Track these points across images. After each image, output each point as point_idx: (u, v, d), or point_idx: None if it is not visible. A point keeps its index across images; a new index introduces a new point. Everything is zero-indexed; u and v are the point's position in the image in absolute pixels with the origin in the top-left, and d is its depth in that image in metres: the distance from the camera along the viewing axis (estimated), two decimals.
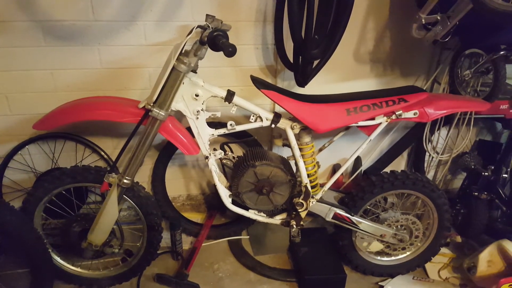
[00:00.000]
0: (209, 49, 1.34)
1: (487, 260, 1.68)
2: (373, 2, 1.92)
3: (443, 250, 1.98)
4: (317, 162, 1.80)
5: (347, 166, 1.62)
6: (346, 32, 1.93)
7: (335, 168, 2.36)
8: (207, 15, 1.65)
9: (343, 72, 2.08)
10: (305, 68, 1.70)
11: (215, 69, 1.95)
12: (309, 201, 1.61)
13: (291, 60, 1.82)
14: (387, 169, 2.30)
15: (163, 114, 1.39)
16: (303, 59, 1.67)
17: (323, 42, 1.70)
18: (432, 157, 2.20)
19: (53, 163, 1.95)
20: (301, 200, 1.60)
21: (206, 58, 1.47)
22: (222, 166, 1.70)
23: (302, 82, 1.80)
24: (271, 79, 2.04)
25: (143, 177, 2.11)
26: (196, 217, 2.18)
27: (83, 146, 1.94)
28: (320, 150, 1.80)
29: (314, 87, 2.03)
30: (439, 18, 1.44)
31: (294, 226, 1.62)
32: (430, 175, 2.37)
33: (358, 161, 2.24)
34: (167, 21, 1.79)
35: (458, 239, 2.03)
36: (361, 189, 1.70)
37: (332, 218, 1.67)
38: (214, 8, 1.81)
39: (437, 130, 2.14)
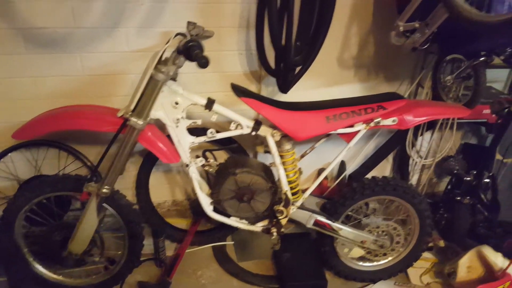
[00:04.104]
0: None
1: (467, 265, 1.69)
2: (356, 8, 1.92)
3: (426, 254, 1.99)
4: (299, 169, 1.80)
5: (327, 172, 1.64)
6: (330, 38, 1.94)
7: (320, 172, 2.36)
8: (188, 22, 1.65)
9: (327, 77, 2.08)
10: (287, 74, 1.70)
11: (199, 74, 1.95)
12: (290, 208, 1.62)
13: (273, 66, 1.82)
14: (372, 174, 2.35)
15: (141, 123, 1.39)
16: (284, 66, 1.68)
17: (305, 48, 1.71)
18: (416, 162, 2.21)
19: (36, 170, 1.94)
20: (281, 208, 1.60)
21: (190, 64, 1.46)
22: (206, 174, 1.70)
23: (284, 88, 1.80)
24: (255, 84, 2.04)
25: (128, 183, 2.10)
26: (182, 223, 2.18)
27: (67, 153, 1.93)
28: (302, 156, 1.80)
29: (298, 93, 2.03)
30: (417, 25, 1.45)
31: (275, 233, 1.62)
32: (415, 179, 2.39)
33: (342, 166, 2.25)
34: (150, 27, 1.79)
35: (441, 243, 2.05)
36: (342, 195, 1.71)
37: (313, 225, 1.68)
38: (197, 14, 1.80)
39: (421, 135, 2.16)
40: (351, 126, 1.54)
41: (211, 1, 1.79)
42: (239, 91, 1.51)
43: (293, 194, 1.68)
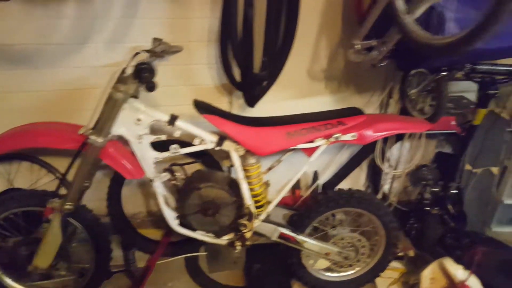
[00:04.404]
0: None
1: (430, 277, 1.71)
2: (325, 21, 1.95)
3: (395, 264, 2.02)
4: (267, 181, 1.83)
5: (288, 188, 1.65)
6: (299, 50, 1.97)
7: (296, 182, 2.38)
8: (153, 38, 1.68)
9: (298, 89, 2.10)
10: (251, 89, 1.73)
11: (170, 88, 1.97)
12: (253, 222, 1.64)
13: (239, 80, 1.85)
14: (348, 183, 2.39)
15: (101, 141, 1.41)
16: (247, 80, 1.70)
17: (271, 63, 1.74)
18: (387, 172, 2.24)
19: (9, 183, 1.96)
20: (244, 221, 1.63)
21: (159, 77, 1.47)
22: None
23: (251, 102, 1.83)
24: (227, 97, 2.06)
25: (101, 194, 2.12)
26: (156, 234, 2.19)
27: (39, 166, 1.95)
28: (269, 169, 1.83)
29: (269, 105, 2.05)
30: (374, 44, 1.48)
31: (238, 247, 1.64)
32: (388, 188, 2.42)
33: (315, 176, 2.27)
34: (119, 42, 1.81)
35: (411, 253, 2.08)
36: (307, 207, 1.73)
37: (278, 238, 1.70)
38: (167, 29, 1.83)
39: (387, 147, 2.18)
40: (312, 141, 1.57)
41: (179, 16, 1.82)
42: (202, 108, 1.53)
43: (259, 207, 1.71)
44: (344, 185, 2.43)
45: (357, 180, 2.47)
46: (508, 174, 2.25)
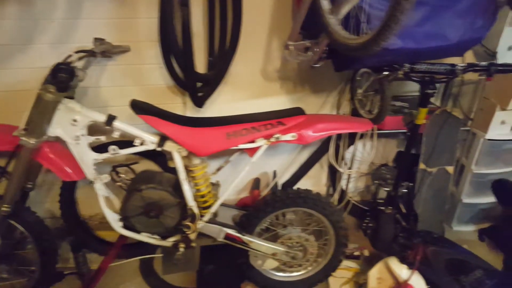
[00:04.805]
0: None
1: (377, 277, 1.71)
2: (275, 21, 1.94)
3: (349, 263, 2.02)
4: (217, 182, 1.82)
5: (231, 189, 1.64)
6: (252, 51, 1.97)
7: (256, 182, 2.38)
8: (94, 38, 1.67)
9: (253, 90, 2.10)
10: (195, 88, 1.72)
11: (119, 88, 1.96)
12: (197, 223, 1.63)
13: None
14: (308, 183, 2.39)
15: (33, 142, 1.40)
16: (190, 80, 1.69)
17: (216, 63, 1.73)
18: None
19: None
20: (187, 223, 1.62)
21: (109, 77, 1.45)
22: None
23: (198, 103, 1.82)
24: (180, 97, 2.05)
25: (55, 196, 2.11)
26: (114, 235, 2.17)
27: None
28: (218, 169, 1.82)
29: (223, 105, 2.06)
30: (308, 44, 1.47)
31: (182, 248, 1.63)
32: (351, 186, 2.42)
33: (274, 176, 2.27)
34: (64, 43, 1.79)
35: (366, 252, 2.08)
36: (255, 208, 1.73)
37: (224, 239, 1.69)
38: (112, 29, 1.81)
39: (342, 147, 2.18)
40: (253, 141, 1.56)
41: (126, 16, 1.80)
42: (139, 108, 1.52)
43: (206, 208, 1.70)
44: (306, 185, 2.44)
45: (319, 180, 2.47)
46: (466, 173, 2.26)
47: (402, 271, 1.63)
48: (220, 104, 2.07)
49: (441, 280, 1.69)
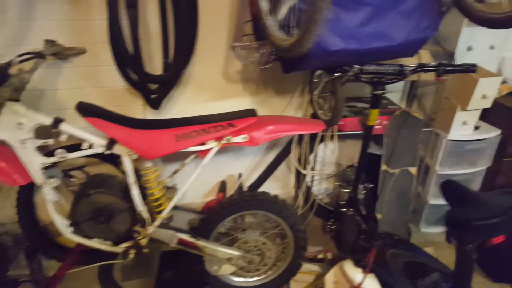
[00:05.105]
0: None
1: (333, 281, 1.69)
2: (235, 23, 1.93)
3: (311, 267, 2.00)
4: (173, 185, 1.80)
5: (183, 192, 1.61)
6: (213, 54, 1.96)
7: (222, 185, 2.36)
8: (45, 40, 1.65)
9: (215, 91, 2.08)
10: (147, 90, 1.69)
11: (77, 90, 1.93)
12: (147, 228, 1.60)
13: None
14: (276, 185, 2.37)
15: None
16: (142, 81, 1.67)
17: (171, 64, 1.71)
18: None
19: None
20: (137, 228, 1.59)
21: (66, 80, 1.41)
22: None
23: (154, 105, 1.80)
24: (140, 99, 2.02)
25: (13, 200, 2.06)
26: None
27: None
28: (175, 173, 1.80)
29: (185, 107, 2.04)
30: (255, 46, 1.46)
31: (132, 255, 1.60)
32: (319, 188, 2.41)
33: (239, 178, 2.25)
34: (17, 45, 1.76)
35: (329, 255, 2.06)
36: (211, 211, 1.70)
37: (178, 244, 1.66)
38: (68, 31, 1.79)
39: (304, 149, 2.16)
40: (204, 143, 1.54)
41: (81, 18, 1.78)
42: (85, 110, 1.49)
43: (160, 212, 1.67)
44: (275, 186, 2.42)
45: (287, 182, 2.46)
46: (431, 174, 2.26)
47: (356, 274, 1.61)
48: (182, 105, 2.05)
49: (398, 283, 1.67)
